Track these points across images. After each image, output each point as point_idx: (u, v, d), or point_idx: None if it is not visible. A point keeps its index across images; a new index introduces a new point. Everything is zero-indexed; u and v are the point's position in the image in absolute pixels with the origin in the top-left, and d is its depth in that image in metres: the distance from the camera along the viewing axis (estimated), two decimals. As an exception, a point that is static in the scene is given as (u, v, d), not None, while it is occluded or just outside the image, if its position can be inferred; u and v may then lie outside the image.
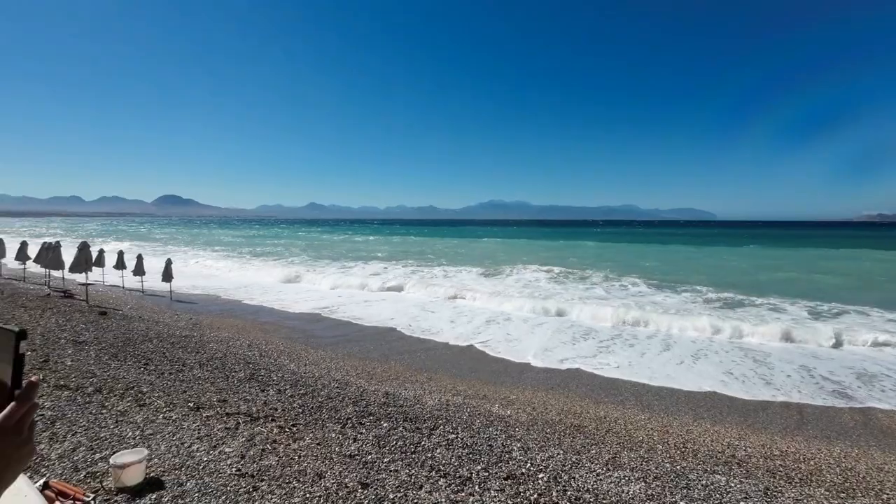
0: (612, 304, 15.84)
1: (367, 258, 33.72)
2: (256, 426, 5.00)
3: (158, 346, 8.47)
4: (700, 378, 9.01)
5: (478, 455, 4.76)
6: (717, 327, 12.61)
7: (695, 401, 7.88)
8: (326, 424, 5.28)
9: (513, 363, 9.75)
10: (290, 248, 45.29)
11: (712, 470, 4.94)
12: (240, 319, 12.87)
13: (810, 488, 4.69)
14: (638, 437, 5.89)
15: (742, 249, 47.92)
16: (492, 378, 8.78)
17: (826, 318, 14.30)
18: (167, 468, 3.93)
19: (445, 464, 4.48)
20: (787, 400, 7.97)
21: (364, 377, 7.99)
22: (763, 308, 15.97)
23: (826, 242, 59.52)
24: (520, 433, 5.60)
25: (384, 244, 52.07)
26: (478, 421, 5.94)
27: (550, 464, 4.69)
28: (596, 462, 4.87)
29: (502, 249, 45.59)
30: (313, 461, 4.29)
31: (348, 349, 10.33)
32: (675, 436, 6.07)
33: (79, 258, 14.84)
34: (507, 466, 4.54)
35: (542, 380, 8.79)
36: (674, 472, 4.75)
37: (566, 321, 13.75)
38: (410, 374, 8.65)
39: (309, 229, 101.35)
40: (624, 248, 49.57)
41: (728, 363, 9.95)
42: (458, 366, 9.49)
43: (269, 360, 8.41)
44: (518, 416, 6.39)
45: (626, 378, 8.94)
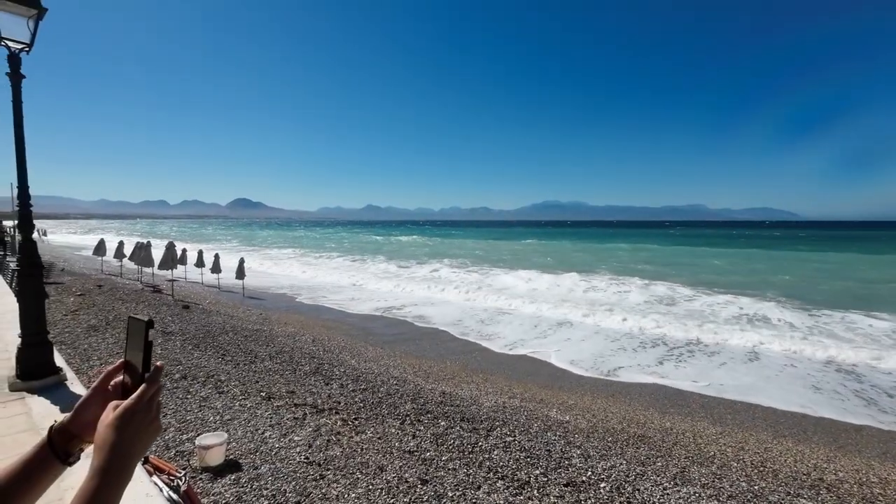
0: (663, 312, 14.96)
1: (423, 261, 34.28)
2: (322, 418, 5.26)
3: (234, 338, 9.14)
4: (783, 393, 8.28)
5: (536, 459, 4.70)
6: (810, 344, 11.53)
7: (774, 417, 7.26)
8: (386, 420, 5.44)
9: (569, 369, 9.50)
10: (347, 249, 47.10)
11: (796, 493, 4.53)
12: (304, 316, 13.57)
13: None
14: (709, 452, 5.52)
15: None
16: (548, 382, 8.61)
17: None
18: (244, 452, 4.24)
19: (503, 466, 4.46)
20: (883, 422, 7.12)
21: (421, 375, 8.13)
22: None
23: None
24: (579, 440, 5.44)
25: (444, 247, 52.67)
26: (535, 425, 5.85)
27: (613, 473, 4.52)
28: (662, 475, 4.63)
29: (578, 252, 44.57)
30: (375, 454, 4.44)
31: (405, 348, 10.56)
32: (751, 453, 5.62)
33: (166, 257, 16.36)
34: (566, 473, 4.44)
35: (602, 387, 8.49)
36: (751, 492, 4.41)
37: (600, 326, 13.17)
38: (466, 374, 8.69)
39: (367, 231, 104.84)
40: (683, 251, 46.61)
41: (815, 380, 9.06)
42: (514, 368, 9.40)
43: (332, 355, 8.80)
44: (577, 422, 6.22)
45: (695, 390, 8.42)
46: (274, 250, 41.76)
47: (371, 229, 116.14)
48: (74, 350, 6.93)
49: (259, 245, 49.75)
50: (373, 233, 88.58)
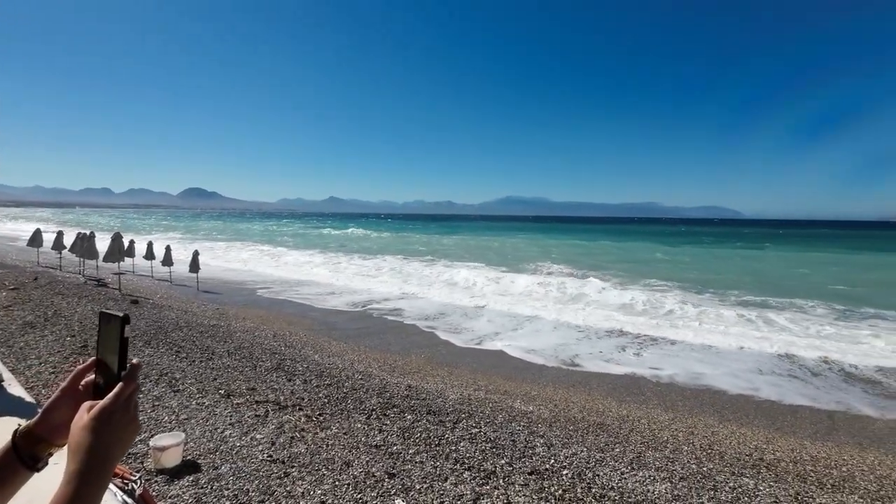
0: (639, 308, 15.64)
1: (386, 256, 34.00)
2: (285, 414, 5.13)
3: (188, 334, 8.74)
4: (729, 378, 8.84)
5: (501, 449, 4.79)
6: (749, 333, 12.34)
7: (720, 402, 7.75)
8: (352, 415, 5.38)
9: (532, 361, 9.74)
10: (309, 242, 46.02)
11: (740, 473, 4.86)
12: (264, 310, 13.16)
13: (843, 495, 4.58)
14: (662, 438, 5.83)
15: (767, 251, 46.58)
16: (512, 374, 8.79)
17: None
18: (202, 452, 4.08)
19: (470, 457, 4.53)
20: (815, 405, 7.76)
21: (386, 370, 8.09)
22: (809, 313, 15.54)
23: (871, 244, 57.33)
24: (543, 429, 5.60)
25: (408, 241, 52.42)
26: (500, 416, 5.97)
27: (574, 461, 4.69)
28: (620, 461, 4.85)
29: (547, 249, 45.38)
30: (341, 450, 4.39)
31: (369, 342, 10.47)
32: (700, 437, 5.99)
33: (112, 248, 15.38)
34: (530, 462, 4.56)
35: (564, 377, 8.76)
36: (700, 474, 4.70)
37: (560, 319, 13.64)
38: (431, 367, 8.72)
39: (328, 223, 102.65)
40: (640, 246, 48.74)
41: (757, 367, 9.73)
42: (478, 361, 9.53)
43: (294, 350, 8.59)
44: (540, 412, 6.39)
45: (650, 379, 8.85)
46: (230, 242, 40.14)
47: (333, 222, 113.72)
48: (9, 349, 6.41)
49: (212, 236, 47.67)
50: (334, 226, 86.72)
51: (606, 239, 60.61)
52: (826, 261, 35.20)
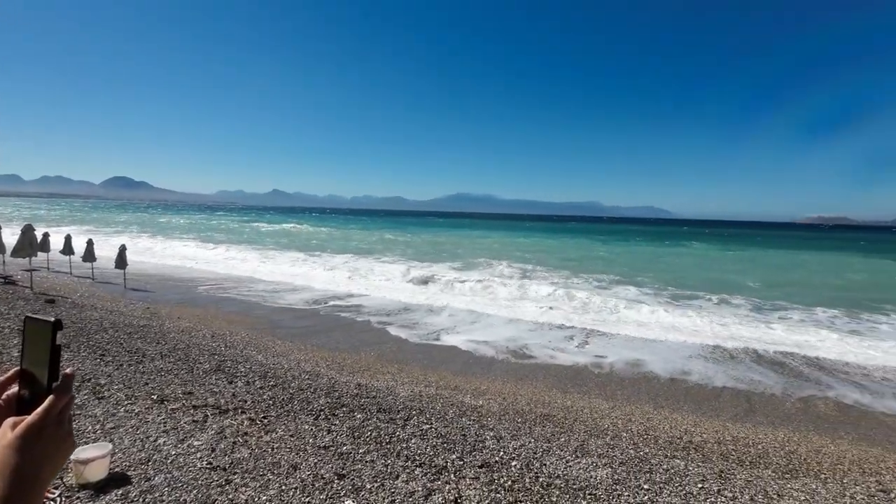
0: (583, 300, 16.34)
1: (332, 250, 33.21)
2: (226, 418, 4.87)
3: (115, 336, 8.05)
4: (663, 364, 9.47)
5: (452, 444, 4.84)
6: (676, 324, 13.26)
7: (654, 390, 8.29)
8: (299, 416, 5.21)
9: (482, 356, 9.91)
10: (250, 236, 43.96)
11: (672, 455, 5.23)
12: (201, 309, 12.40)
13: (759, 470, 5.05)
14: (604, 426, 6.14)
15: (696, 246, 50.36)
16: (462, 369, 8.90)
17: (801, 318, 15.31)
18: (133, 463, 3.78)
19: (421, 454, 4.53)
20: (736, 389, 8.51)
21: (335, 368, 7.91)
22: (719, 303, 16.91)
23: (791, 243, 63.39)
24: (492, 423, 5.72)
25: (354, 238, 51.41)
26: (451, 411, 6.02)
27: (522, 452, 4.83)
28: (565, 449, 5.05)
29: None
30: (287, 453, 4.23)
31: (317, 340, 10.18)
32: (637, 423, 6.37)
33: (22, 241, 13.82)
34: (481, 455, 4.64)
35: (512, 371, 8.99)
36: (637, 458, 5.00)
37: (516, 308, 14.07)
38: (381, 365, 8.63)
39: (264, 217, 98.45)
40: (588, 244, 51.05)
41: (687, 355, 10.50)
42: (429, 357, 9.55)
43: (235, 351, 8.17)
44: (490, 406, 6.52)
45: (592, 370, 9.29)
46: (161, 236, 37.42)
47: (273, 216, 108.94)
48: None
49: (143, 230, 44.21)
50: (275, 220, 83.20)
51: (553, 236, 62.82)
52: (744, 258, 38.70)
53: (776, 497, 4.31)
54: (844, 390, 8.62)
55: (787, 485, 4.64)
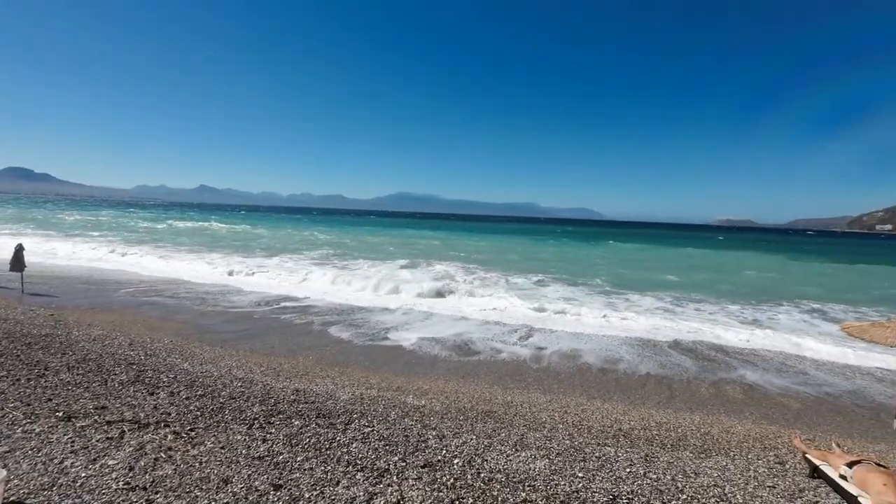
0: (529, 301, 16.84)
1: (267, 250, 31.72)
2: (146, 434, 4.47)
3: (9, 347, 7.12)
4: (596, 358, 10.01)
5: (394, 446, 4.79)
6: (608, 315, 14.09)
7: (588, 382, 8.74)
8: (231, 426, 4.90)
9: (425, 355, 9.92)
10: (169, 236, 40.86)
11: (604, 443, 5.54)
12: (116, 314, 11.31)
13: (679, 452, 5.49)
14: (541, 419, 6.37)
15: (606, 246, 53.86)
16: (404, 370, 8.85)
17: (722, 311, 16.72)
18: (33, 489, 3.35)
19: (362, 457, 4.44)
20: (659, 378, 9.19)
21: (270, 374, 7.54)
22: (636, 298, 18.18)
23: (705, 243, 69.31)
24: (434, 422, 5.73)
25: (293, 236, 49.39)
26: (393, 413, 5.95)
27: (464, 449, 4.89)
28: (505, 444, 5.18)
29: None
30: (217, 466, 3.97)
31: (250, 345, 9.66)
32: (572, 415, 6.68)
33: None
34: (423, 455, 4.63)
35: (455, 369, 9.08)
36: (573, 448, 5.24)
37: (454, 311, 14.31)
38: (321, 368, 8.36)
39: (195, 216, 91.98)
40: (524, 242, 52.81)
41: (617, 348, 11.18)
42: (370, 358, 9.40)
43: (158, 359, 7.53)
44: (432, 405, 6.53)
45: (531, 365, 9.61)
46: (64, 235, 33.67)
47: (199, 213, 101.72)
48: None
49: (41, 228, 39.49)
50: (205, 218, 77.89)
51: (494, 235, 64.29)
52: (665, 255, 42.00)
53: (693, 475, 4.71)
54: (749, 375, 9.61)
55: (702, 464, 5.08)
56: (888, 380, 9.51)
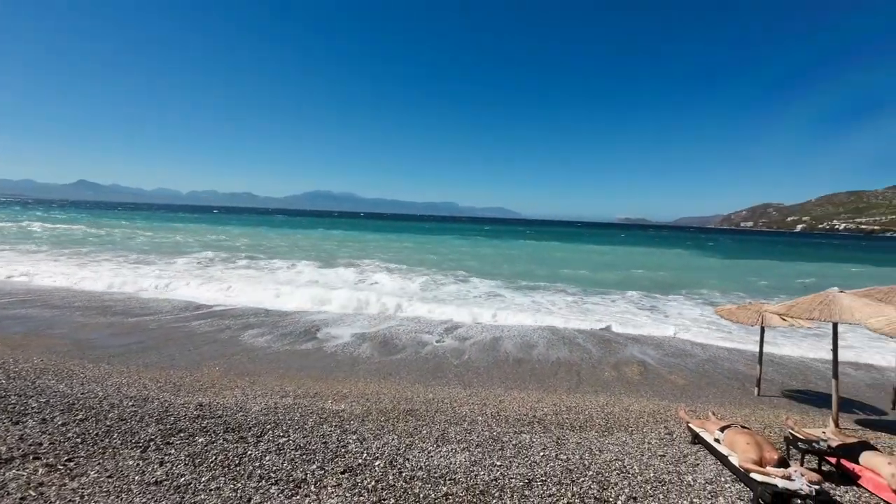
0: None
1: (158, 252, 28.80)
2: (9, 470, 3.81)
3: None
4: (514, 352, 10.46)
5: (312, 454, 4.60)
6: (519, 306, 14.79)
7: (505, 374, 9.12)
8: (120, 451, 4.36)
9: (345, 358, 9.66)
10: (37, 238, 35.49)
11: (520, 431, 5.82)
12: (-32, 333, 9.51)
13: (586, 432, 5.94)
14: (462, 413, 6.52)
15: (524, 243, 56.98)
16: (322, 374, 8.54)
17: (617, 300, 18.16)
18: None
19: (277, 470, 4.20)
20: (569, 363, 9.88)
21: (169, 389, 6.83)
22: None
23: (610, 240, 75.28)
24: (355, 426, 5.60)
25: (196, 238, 45.19)
26: (310, 420, 5.71)
27: (386, 450, 4.84)
28: (427, 441, 5.22)
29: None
30: (104, 498, 3.51)
31: (145, 359, 8.68)
32: (491, 407, 6.92)
33: None
34: (343, 461, 4.51)
35: (376, 369, 8.96)
36: (491, 438, 5.43)
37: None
38: (229, 379, 7.77)
39: (70, 216, 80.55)
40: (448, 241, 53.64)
41: (532, 339, 11.79)
42: (285, 365, 8.94)
43: (24, 382, 6.45)
44: (352, 409, 6.38)
45: (454, 361, 9.78)
46: None
47: (80, 212, 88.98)
48: None
49: None
50: (80, 218, 68.31)
51: (414, 235, 64.41)
52: (576, 250, 45.26)
53: (598, 452, 5.13)
54: (645, 357, 10.70)
55: (606, 441, 5.55)
56: (749, 353, 11.14)
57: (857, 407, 8.06)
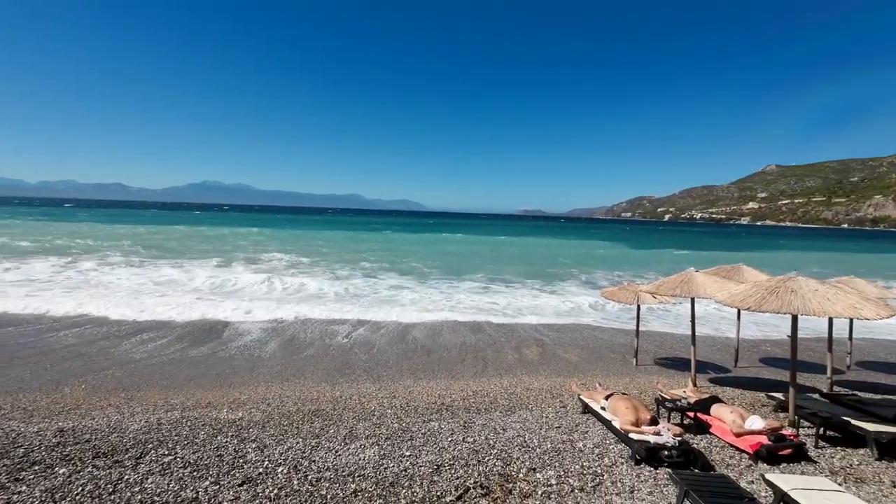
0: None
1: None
2: None
3: None
4: (424, 342, 10.57)
5: (205, 470, 4.21)
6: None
7: (416, 365, 9.20)
8: (-54, 499, 3.57)
9: (243, 362, 8.97)
10: None
11: (429, 419, 5.92)
12: None
13: (490, 413, 6.24)
14: (371, 408, 6.44)
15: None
16: (215, 382, 7.85)
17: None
18: None
19: (162, 492, 3.77)
20: (476, 350, 10.28)
21: (19, 416, 5.76)
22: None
23: (514, 230, 78.94)
24: (255, 433, 5.24)
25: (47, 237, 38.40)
26: (202, 433, 5.21)
27: (290, 455, 4.61)
28: (334, 440, 5.07)
29: (223, 238, 40.76)
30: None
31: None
32: (400, 399, 6.94)
33: None
34: (241, 472, 4.20)
35: (278, 372, 8.47)
36: (401, 430, 5.45)
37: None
38: (99, 398, 6.78)
39: None
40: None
41: (438, 331, 12.02)
42: (171, 376, 8.05)
43: None
44: (251, 416, 5.95)
45: (362, 357, 9.61)
46: None
47: None
48: None
49: None
50: None
51: (317, 228, 61.77)
52: (480, 242, 47.09)
53: (502, 431, 5.42)
54: (543, 338, 11.52)
55: (508, 419, 5.89)
56: (624, 329, 12.59)
57: (710, 368, 9.56)
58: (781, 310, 5.20)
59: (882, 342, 12.23)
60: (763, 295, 5.46)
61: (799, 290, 5.33)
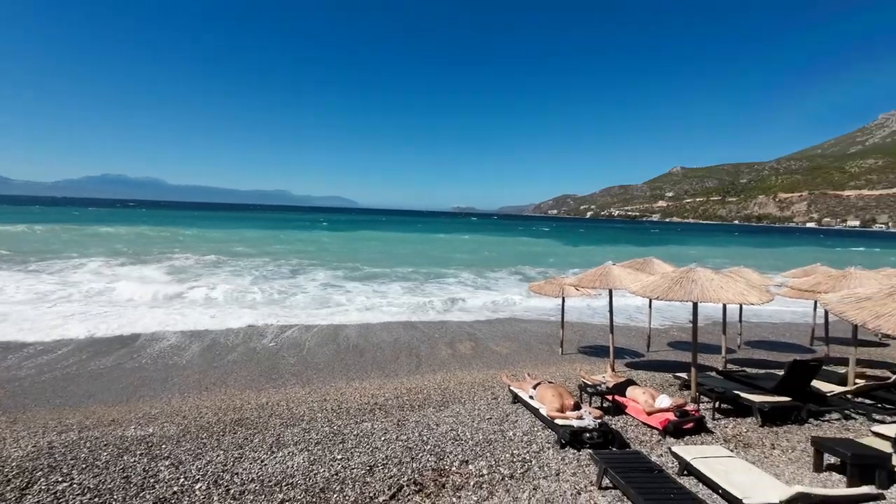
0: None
1: None
2: None
3: None
4: (357, 342, 10.33)
5: (108, 495, 3.79)
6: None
7: (347, 366, 8.98)
8: None
9: (153, 373, 8.20)
10: None
11: (361, 420, 5.81)
12: None
13: (424, 410, 6.27)
14: (299, 413, 6.18)
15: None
16: (122, 397, 7.11)
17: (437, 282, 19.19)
18: None
19: (53, 525, 3.34)
20: (409, 348, 10.26)
21: None
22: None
23: (446, 228, 79.40)
24: (168, 449, 4.81)
25: None
26: (104, 454, 4.68)
27: (209, 469, 4.29)
28: (259, 449, 4.81)
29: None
30: None
31: None
32: (332, 401, 6.73)
33: None
34: (152, 493, 3.84)
35: (195, 381, 7.85)
36: (332, 433, 5.30)
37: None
38: (-28, 424, 5.83)
39: None
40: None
41: (377, 331, 11.83)
42: (65, 393, 7.15)
43: None
44: (164, 430, 5.45)
45: (291, 361, 9.19)
46: None
47: None
48: None
49: None
50: None
51: (238, 225, 58.07)
52: (408, 239, 47.07)
53: (436, 426, 5.46)
54: (475, 332, 11.79)
55: (442, 415, 5.95)
56: (551, 321, 13.27)
57: (627, 353, 10.36)
58: (685, 298, 5.77)
59: (764, 324, 14.03)
60: (669, 285, 6.02)
61: (698, 279, 5.95)
